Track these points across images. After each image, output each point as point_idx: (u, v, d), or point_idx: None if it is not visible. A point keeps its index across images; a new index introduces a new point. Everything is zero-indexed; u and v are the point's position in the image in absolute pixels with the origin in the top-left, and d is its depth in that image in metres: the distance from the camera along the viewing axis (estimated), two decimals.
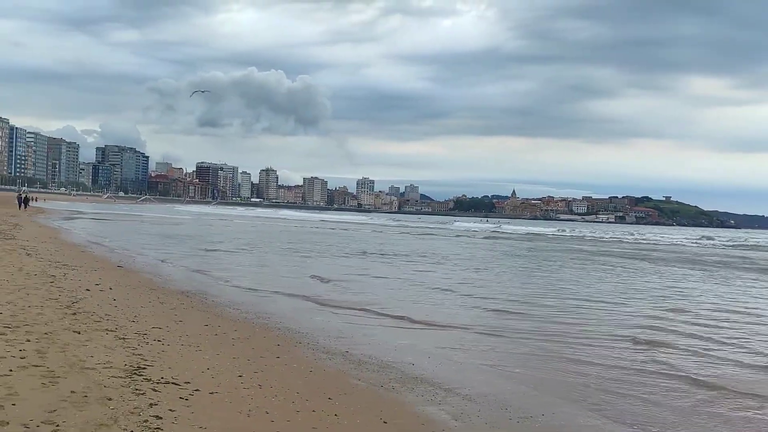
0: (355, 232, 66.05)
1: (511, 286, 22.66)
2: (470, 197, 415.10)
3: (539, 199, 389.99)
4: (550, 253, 44.11)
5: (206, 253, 30.95)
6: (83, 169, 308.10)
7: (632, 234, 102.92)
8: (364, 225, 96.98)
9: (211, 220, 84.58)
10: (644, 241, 77.11)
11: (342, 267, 26.88)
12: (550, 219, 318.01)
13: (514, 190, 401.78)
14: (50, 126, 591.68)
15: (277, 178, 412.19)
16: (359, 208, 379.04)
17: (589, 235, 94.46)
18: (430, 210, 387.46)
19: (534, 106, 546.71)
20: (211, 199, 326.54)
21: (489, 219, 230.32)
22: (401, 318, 14.86)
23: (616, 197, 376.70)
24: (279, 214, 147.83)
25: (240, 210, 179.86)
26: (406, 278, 23.42)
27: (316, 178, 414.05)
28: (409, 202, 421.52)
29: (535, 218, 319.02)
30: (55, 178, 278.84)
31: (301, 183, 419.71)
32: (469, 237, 66.62)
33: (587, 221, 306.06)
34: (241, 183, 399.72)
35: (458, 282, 22.93)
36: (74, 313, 11.22)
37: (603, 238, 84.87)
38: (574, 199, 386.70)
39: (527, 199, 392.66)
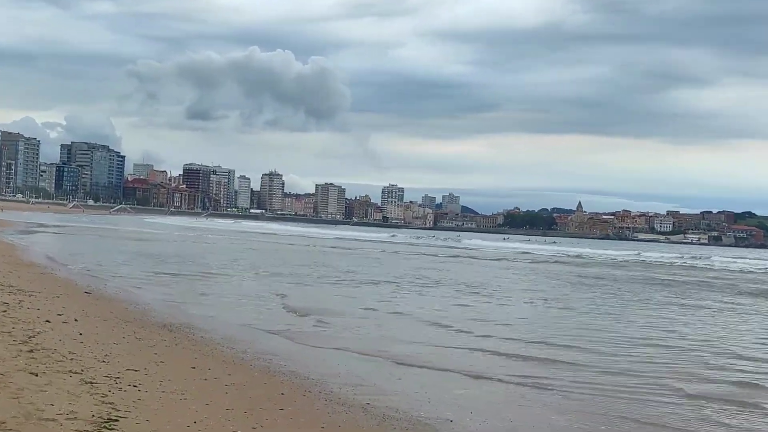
0: (360, 251, 66.05)
1: (567, 326, 22.47)
2: (524, 210, 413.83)
3: (612, 214, 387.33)
4: (622, 284, 43.64)
5: (194, 276, 31.18)
6: (45, 171, 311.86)
7: (730, 259, 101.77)
8: (383, 243, 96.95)
9: (199, 236, 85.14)
10: (746, 270, 76.17)
11: (352, 298, 26.94)
12: (626, 239, 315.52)
13: (579, 202, 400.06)
14: (4, 117, 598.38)
15: (283, 184, 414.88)
16: (385, 223, 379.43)
17: (675, 259, 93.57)
18: (473, 225, 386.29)
19: (605, 96, 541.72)
20: (201, 210, 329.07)
21: (547, 237, 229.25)
22: (434, 366, 14.81)
23: (710, 212, 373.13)
24: (268, 228, 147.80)
25: (223, 223, 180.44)
26: (430, 314, 23.36)
27: (331, 184, 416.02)
28: (447, 215, 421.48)
29: (607, 237, 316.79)
30: (9, 182, 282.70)
31: (312, 191, 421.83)
32: (511, 261, 66.11)
33: (673, 242, 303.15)
34: (238, 190, 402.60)
35: (497, 320, 22.82)
36: (31, 351, 11.33)
37: (692, 264, 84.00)
38: (657, 215, 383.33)
39: (597, 213, 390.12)
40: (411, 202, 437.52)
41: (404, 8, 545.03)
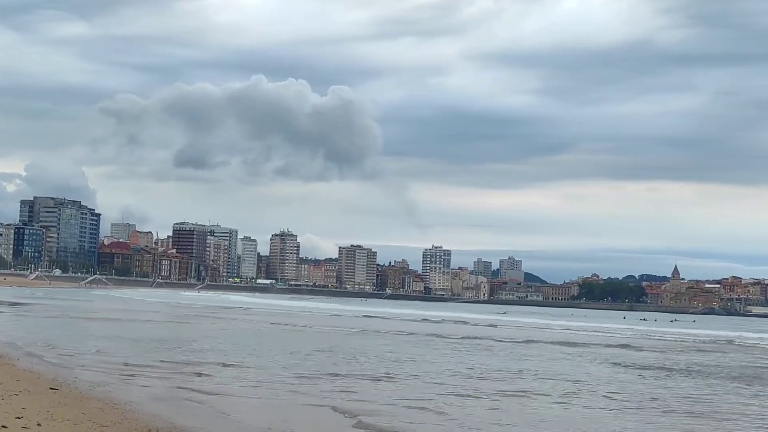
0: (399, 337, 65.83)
1: None
2: (605, 278, 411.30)
3: (717, 282, 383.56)
4: (726, 382, 41.99)
5: (182, 366, 31.34)
6: (1, 234, 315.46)
7: None
8: (416, 323, 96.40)
9: (188, 314, 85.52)
10: None
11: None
12: (736, 313, 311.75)
13: (675, 267, 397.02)
14: None
15: (298, 247, 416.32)
16: (427, 295, 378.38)
17: None
18: (540, 297, 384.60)
19: (706, 133, 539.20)
20: (195, 281, 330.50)
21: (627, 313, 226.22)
22: None
23: None
24: (277, 305, 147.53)
25: (195, 294, 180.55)
26: None
27: (358, 247, 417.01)
28: (506, 285, 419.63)
29: (711, 312, 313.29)
30: None
31: (335, 255, 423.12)
32: (580, 347, 65.18)
33: None
34: (242, 255, 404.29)
35: None
36: None
37: None
38: None
39: (697, 281, 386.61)
40: (460, 268, 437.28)
41: (451, 25, 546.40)
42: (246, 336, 54.46)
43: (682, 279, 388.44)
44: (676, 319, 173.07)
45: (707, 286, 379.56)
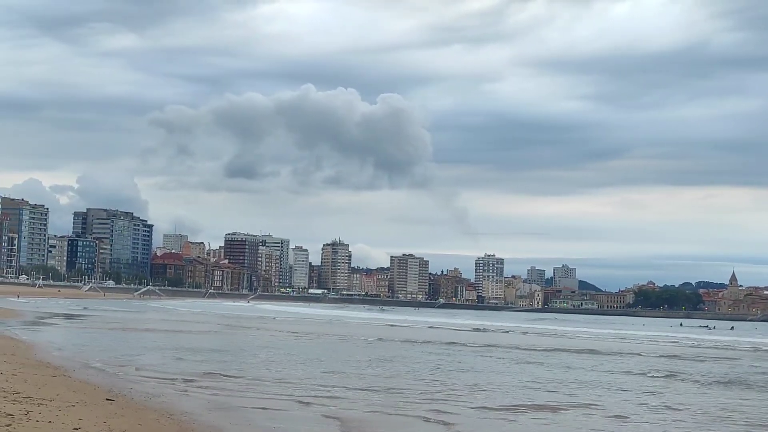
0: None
1: None
2: (661, 286, 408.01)
3: None
4: None
5: (226, 376, 31.28)
6: (54, 246, 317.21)
7: None
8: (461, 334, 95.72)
9: (249, 324, 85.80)
10: None
11: None
12: None
13: (733, 274, 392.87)
14: (5, 181, 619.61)
15: (350, 256, 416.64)
16: (480, 304, 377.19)
17: None
18: (594, 305, 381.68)
19: (762, 136, 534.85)
20: (247, 291, 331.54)
21: (704, 322, 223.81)
22: None
23: None
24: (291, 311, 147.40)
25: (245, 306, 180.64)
26: None
27: (410, 256, 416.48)
28: (560, 293, 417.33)
29: None
30: (11, 261, 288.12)
31: (387, 264, 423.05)
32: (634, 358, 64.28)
33: None
34: (293, 265, 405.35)
35: None
36: None
37: None
38: None
39: (756, 288, 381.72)
40: (513, 276, 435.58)
41: (501, 32, 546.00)
42: (292, 348, 54.42)
43: (740, 286, 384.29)
44: (733, 327, 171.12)
45: (766, 293, 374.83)
